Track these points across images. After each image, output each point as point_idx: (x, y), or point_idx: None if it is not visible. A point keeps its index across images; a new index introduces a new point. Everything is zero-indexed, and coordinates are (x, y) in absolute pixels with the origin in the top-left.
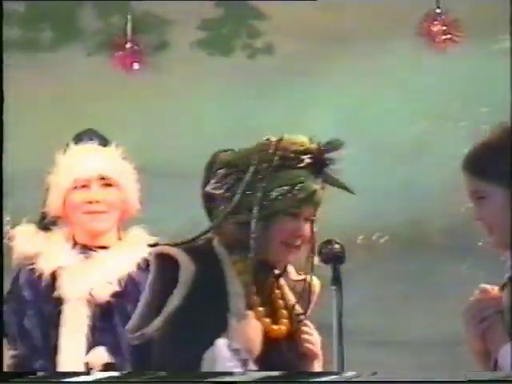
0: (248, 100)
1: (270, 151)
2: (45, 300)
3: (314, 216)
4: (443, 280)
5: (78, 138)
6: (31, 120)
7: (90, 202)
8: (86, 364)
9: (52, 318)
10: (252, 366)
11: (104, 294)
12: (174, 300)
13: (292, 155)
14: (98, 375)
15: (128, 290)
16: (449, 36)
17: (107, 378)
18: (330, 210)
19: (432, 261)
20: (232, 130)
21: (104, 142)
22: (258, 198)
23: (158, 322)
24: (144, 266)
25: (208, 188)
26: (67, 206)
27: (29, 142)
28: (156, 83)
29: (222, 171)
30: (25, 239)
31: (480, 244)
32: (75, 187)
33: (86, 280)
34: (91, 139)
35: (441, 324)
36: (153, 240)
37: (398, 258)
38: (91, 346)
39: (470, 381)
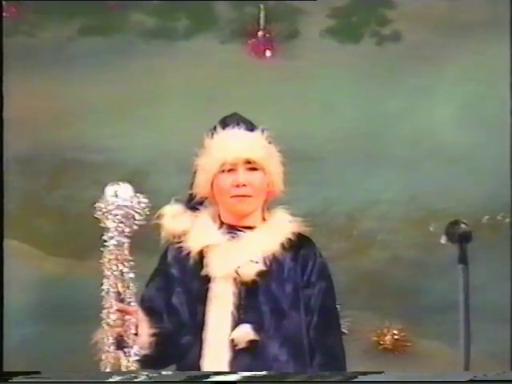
0: (376, 86)
1: None
2: (192, 277)
3: None
4: None
5: (225, 123)
6: (170, 107)
7: (237, 186)
8: (232, 341)
9: (199, 295)
10: None
11: (250, 272)
12: None
13: None
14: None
15: (272, 269)
16: None
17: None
18: (458, 191)
19: None
20: (361, 114)
21: (250, 127)
22: None
23: None
24: (288, 246)
25: None
26: (215, 189)
27: (168, 128)
28: (288, 70)
29: None
30: (173, 218)
31: None
32: (223, 170)
33: (232, 259)
34: (238, 124)
35: None
36: (295, 220)
37: None
38: (236, 323)
39: (471, 381)
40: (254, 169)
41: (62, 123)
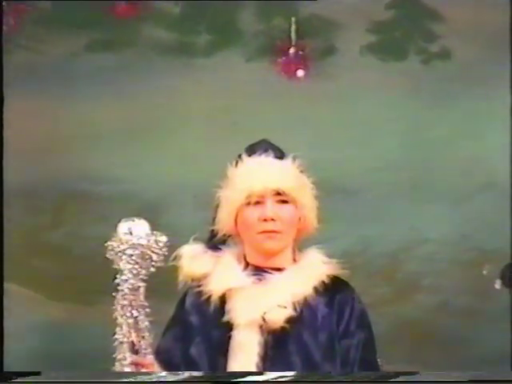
0: (422, 109)
1: None
2: (213, 325)
3: None
4: None
5: (251, 150)
6: (188, 133)
7: (265, 220)
8: None
9: (221, 344)
10: None
11: (278, 319)
12: None
13: None
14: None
15: (304, 316)
16: None
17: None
18: None
19: None
20: (405, 141)
21: (280, 154)
22: None
23: None
24: (322, 290)
25: None
26: (239, 224)
27: (187, 157)
28: (322, 91)
29: None
30: (192, 259)
31: None
32: (248, 203)
33: (258, 304)
34: (266, 151)
35: None
36: (330, 261)
37: None
38: None
39: (470, 381)
40: (284, 201)
41: (65, 150)
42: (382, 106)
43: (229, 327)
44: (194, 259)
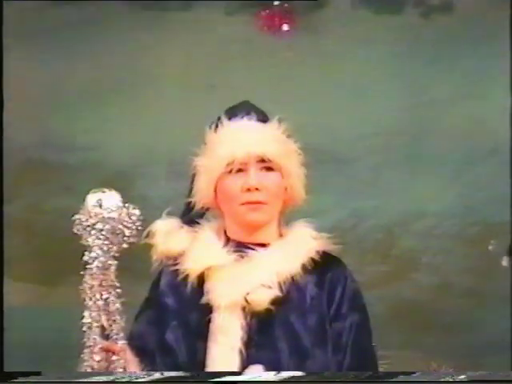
0: (420, 68)
1: None
2: (191, 307)
3: None
4: None
5: (232, 113)
6: (161, 95)
7: (249, 190)
8: None
9: (199, 328)
10: None
11: (263, 300)
12: None
13: None
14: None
15: (291, 297)
16: None
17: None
18: None
19: None
20: (401, 104)
21: (264, 117)
22: None
23: None
24: (311, 268)
25: None
26: (219, 195)
27: (160, 121)
28: (310, 48)
29: None
30: (167, 235)
31: None
32: (230, 171)
33: (240, 283)
34: (248, 113)
35: None
36: (319, 236)
37: None
38: (245, 363)
39: (470, 381)
40: (269, 169)
41: (24, 113)
42: (375, 64)
43: (208, 309)
44: (168, 235)
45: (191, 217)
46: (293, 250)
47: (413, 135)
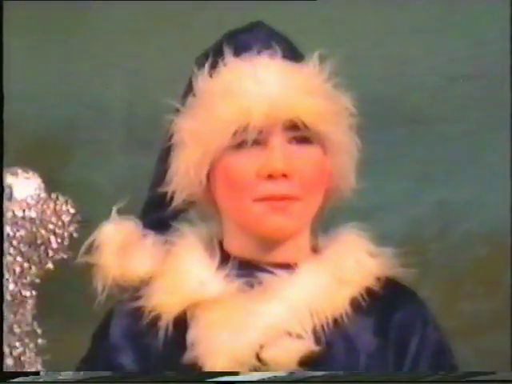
0: None
1: None
2: (165, 371)
3: None
4: None
5: (242, 43)
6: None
7: (271, 176)
8: None
9: None
10: None
11: (287, 357)
12: None
13: None
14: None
15: (334, 352)
16: None
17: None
18: None
19: None
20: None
21: (295, 54)
22: None
23: None
24: (366, 305)
25: None
26: (217, 182)
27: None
28: None
29: None
30: (121, 249)
31: None
32: (238, 144)
33: (249, 331)
34: (268, 45)
35: None
36: (381, 252)
37: None
38: None
39: (468, 381)
40: (305, 140)
41: None
42: None
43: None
44: (124, 249)
45: (162, 217)
46: (336, 275)
47: None
